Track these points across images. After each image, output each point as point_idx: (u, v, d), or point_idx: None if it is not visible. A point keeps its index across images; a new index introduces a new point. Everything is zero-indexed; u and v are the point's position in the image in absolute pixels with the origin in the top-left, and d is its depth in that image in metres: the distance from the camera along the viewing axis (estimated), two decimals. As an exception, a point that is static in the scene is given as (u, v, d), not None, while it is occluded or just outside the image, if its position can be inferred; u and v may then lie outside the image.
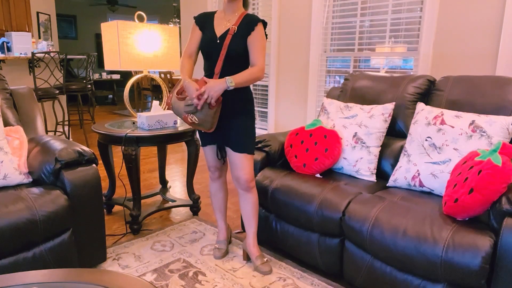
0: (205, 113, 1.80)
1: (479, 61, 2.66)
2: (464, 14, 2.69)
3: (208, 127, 1.85)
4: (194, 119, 1.83)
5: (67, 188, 1.81)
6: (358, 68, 3.45)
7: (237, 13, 1.91)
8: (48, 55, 3.95)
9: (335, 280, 1.96)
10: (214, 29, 1.91)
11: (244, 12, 1.92)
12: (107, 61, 2.53)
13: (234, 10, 1.91)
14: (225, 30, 1.88)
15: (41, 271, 1.12)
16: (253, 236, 2.05)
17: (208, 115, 1.80)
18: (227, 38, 1.85)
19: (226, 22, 1.90)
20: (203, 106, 1.78)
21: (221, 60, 1.85)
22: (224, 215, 2.22)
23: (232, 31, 1.85)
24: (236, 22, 1.87)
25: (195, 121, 1.83)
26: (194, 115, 1.82)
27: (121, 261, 2.10)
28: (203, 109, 1.79)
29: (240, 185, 1.98)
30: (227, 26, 1.88)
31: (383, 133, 2.15)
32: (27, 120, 2.32)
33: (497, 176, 1.43)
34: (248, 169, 1.94)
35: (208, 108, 1.79)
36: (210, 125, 1.84)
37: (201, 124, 1.84)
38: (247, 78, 1.82)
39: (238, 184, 1.98)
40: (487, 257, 1.37)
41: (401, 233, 1.56)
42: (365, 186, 2.03)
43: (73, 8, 9.90)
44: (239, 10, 1.92)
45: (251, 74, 1.83)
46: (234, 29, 1.86)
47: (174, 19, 8.94)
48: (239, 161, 1.93)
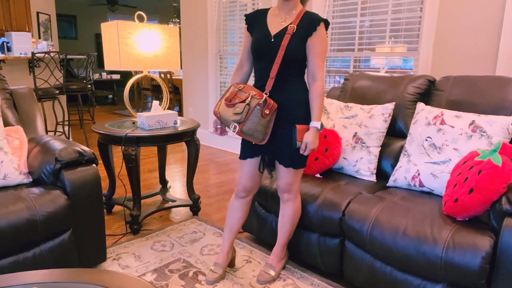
0: (256, 122, 1.61)
1: (479, 61, 2.66)
2: (464, 14, 2.69)
3: (260, 138, 1.66)
4: (241, 128, 1.64)
5: (67, 188, 1.80)
6: (358, 68, 3.45)
7: (295, 11, 1.70)
8: (48, 55, 3.95)
9: (335, 280, 1.96)
10: (268, 27, 1.70)
11: (303, 9, 1.71)
12: (107, 61, 2.53)
13: (291, 8, 1.70)
14: (281, 28, 1.68)
15: (41, 271, 1.12)
16: (278, 246, 1.94)
17: (259, 125, 1.62)
18: (285, 38, 1.64)
19: (282, 20, 1.70)
20: (252, 114, 1.61)
21: (277, 63, 1.65)
22: (232, 237, 1.96)
23: (291, 30, 1.64)
24: (295, 20, 1.66)
25: (243, 131, 1.64)
26: (242, 124, 1.63)
27: (121, 261, 2.10)
28: (253, 118, 1.61)
29: (280, 194, 1.86)
30: (283, 24, 1.68)
31: (383, 133, 2.15)
32: (27, 120, 2.32)
33: (497, 176, 1.43)
34: (291, 180, 1.78)
35: (260, 117, 1.61)
36: (262, 136, 1.65)
37: (251, 134, 1.64)
38: (322, 105, 1.67)
39: (279, 193, 1.86)
40: (487, 257, 1.37)
41: (401, 233, 1.56)
42: (365, 186, 2.03)
43: (73, 8, 9.89)
44: (296, 7, 1.71)
45: (322, 97, 1.66)
46: (293, 28, 1.64)
47: (174, 19, 8.94)
48: (286, 173, 1.77)
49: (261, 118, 1.62)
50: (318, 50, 1.66)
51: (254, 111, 1.62)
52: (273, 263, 1.95)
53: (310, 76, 1.71)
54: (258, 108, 1.62)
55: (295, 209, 1.86)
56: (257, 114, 1.61)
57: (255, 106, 1.62)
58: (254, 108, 1.62)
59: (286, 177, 1.79)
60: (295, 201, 1.85)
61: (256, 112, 1.61)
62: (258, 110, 1.62)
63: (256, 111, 1.61)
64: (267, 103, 1.63)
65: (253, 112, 1.62)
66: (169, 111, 2.55)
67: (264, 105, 1.62)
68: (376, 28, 3.20)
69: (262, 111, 1.61)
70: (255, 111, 1.61)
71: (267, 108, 1.63)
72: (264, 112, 1.62)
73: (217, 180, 3.57)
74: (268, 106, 1.63)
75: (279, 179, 1.82)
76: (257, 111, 1.61)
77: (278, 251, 1.96)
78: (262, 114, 1.61)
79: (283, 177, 1.80)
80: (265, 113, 1.62)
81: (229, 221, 1.96)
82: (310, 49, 1.67)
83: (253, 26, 1.78)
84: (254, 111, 1.62)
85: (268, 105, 1.63)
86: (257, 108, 1.62)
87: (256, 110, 1.62)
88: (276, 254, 1.96)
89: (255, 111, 1.62)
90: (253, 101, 1.63)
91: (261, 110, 1.62)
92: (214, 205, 2.97)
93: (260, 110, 1.62)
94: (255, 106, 1.62)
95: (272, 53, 1.67)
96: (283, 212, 1.88)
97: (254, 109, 1.62)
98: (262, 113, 1.61)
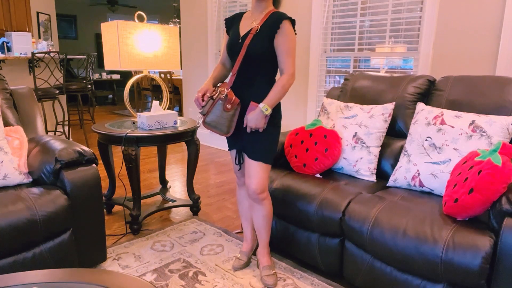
0: (219, 115, 1.75)
1: (479, 61, 2.66)
2: (464, 14, 2.69)
3: (224, 130, 1.78)
4: (204, 120, 1.79)
5: (67, 188, 1.80)
6: (358, 68, 3.45)
7: (265, 12, 1.79)
8: (48, 55, 3.95)
9: (335, 280, 1.96)
10: (239, 29, 1.82)
11: (271, 10, 1.79)
12: (107, 61, 2.53)
13: (263, 9, 1.79)
14: (249, 29, 1.78)
15: (41, 271, 1.12)
16: (264, 247, 1.98)
17: (222, 118, 1.75)
18: (248, 37, 1.74)
19: (252, 21, 1.80)
20: (215, 107, 1.74)
21: (238, 61, 1.76)
22: (251, 225, 2.07)
23: (254, 30, 1.74)
24: (261, 21, 1.76)
25: (207, 122, 1.79)
26: (205, 116, 1.78)
27: (121, 261, 2.10)
28: (216, 111, 1.75)
29: (249, 195, 1.86)
30: (252, 25, 1.79)
31: (383, 133, 2.15)
32: (27, 120, 2.32)
33: (497, 176, 1.43)
34: (259, 179, 1.80)
35: (222, 111, 1.74)
36: (226, 128, 1.77)
37: (216, 126, 1.78)
38: (280, 94, 1.73)
39: (248, 193, 1.86)
40: (487, 257, 1.37)
41: (401, 233, 1.56)
42: (365, 186, 2.03)
43: (73, 8, 9.89)
44: (267, 9, 1.80)
45: (283, 87, 1.73)
46: (256, 28, 1.74)
47: (174, 19, 8.93)
48: (252, 168, 1.81)
49: (223, 112, 1.75)
50: (284, 48, 1.74)
51: (216, 105, 1.76)
52: (268, 263, 1.98)
53: (281, 73, 1.79)
54: (220, 103, 1.76)
55: (271, 206, 1.90)
56: (219, 108, 1.75)
57: (217, 100, 1.76)
58: (216, 102, 1.76)
59: (259, 174, 1.80)
60: (268, 198, 1.89)
61: (218, 106, 1.75)
62: (220, 104, 1.75)
63: (218, 105, 1.75)
64: (228, 98, 1.75)
65: (215, 106, 1.76)
66: (169, 111, 2.55)
67: (225, 100, 1.75)
68: (376, 28, 3.20)
69: (223, 105, 1.75)
70: (217, 105, 1.76)
71: (228, 102, 1.74)
72: (226, 106, 1.74)
73: (217, 180, 3.57)
74: (229, 100, 1.74)
75: (249, 177, 1.82)
76: (219, 105, 1.75)
77: (265, 251, 1.99)
78: (224, 108, 1.74)
79: (252, 173, 1.81)
80: (226, 107, 1.74)
81: (242, 211, 2.07)
82: (277, 48, 1.75)
83: (230, 28, 1.90)
84: (216, 105, 1.76)
85: (229, 100, 1.75)
86: (219, 102, 1.76)
87: (218, 104, 1.76)
88: (265, 254, 1.99)
89: (217, 104, 1.76)
90: (217, 96, 1.78)
91: (223, 104, 1.75)
92: (214, 205, 2.97)
93: (222, 104, 1.75)
94: (217, 100, 1.76)
95: (238, 53, 1.78)
96: (263, 213, 1.88)
97: (216, 103, 1.76)
98: (224, 107, 1.74)
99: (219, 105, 1.75)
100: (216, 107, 1.75)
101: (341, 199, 1.83)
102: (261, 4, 1.78)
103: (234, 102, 1.74)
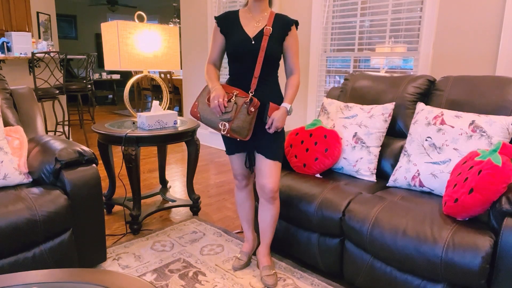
0: (243, 119, 1.69)
1: (479, 61, 2.66)
2: (464, 14, 2.69)
3: (245, 134, 1.73)
4: (231, 126, 1.70)
5: (67, 188, 1.80)
6: (358, 68, 3.45)
7: (266, 13, 1.81)
8: (48, 55, 3.95)
9: (335, 280, 1.96)
10: (244, 30, 1.79)
11: (272, 12, 1.82)
12: (107, 61, 2.53)
13: (262, 9, 1.80)
14: (258, 30, 1.77)
15: (41, 271, 1.12)
16: (266, 247, 1.99)
17: (245, 122, 1.70)
18: (264, 39, 1.73)
19: (256, 22, 1.79)
20: (240, 112, 1.69)
21: (260, 63, 1.74)
22: (252, 225, 2.10)
23: (268, 32, 1.75)
24: (269, 22, 1.77)
25: (233, 128, 1.70)
26: (232, 122, 1.69)
27: (121, 261, 2.10)
28: (241, 116, 1.69)
29: (264, 194, 1.85)
30: (259, 26, 1.78)
31: (383, 133, 2.15)
32: (27, 120, 2.32)
33: (497, 176, 1.43)
34: (275, 178, 1.82)
35: (246, 114, 1.69)
36: (247, 132, 1.73)
37: (238, 131, 1.71)
38: (296, 93, 1.81)
39: (263, 193, 1.85)
40: (487, 257, 1.37)
41: (401, 233, 1.56)
42: (365, 186, 2.03)
43: (73, 8, 9.90)
44: (266, 9, 1.82)
45: (297, 87, 1.81)
46: (269, 30, 1.75)
47: (174, 19, 8.93)
48: (268, 168, 1.80)
49: (247, 115, 1.70)
50: (294, 50, 1.82)
51: (242, 109, 1.70)
52: (268, 263, 1.98)
53: (288, 72, 1.85)
54: (245, 106, 1.70)
55: (278, 208, 1.91)
56: (244, 112, 1.70)
57: (242, 104, 1.70)
58: (241, 106, 1.70)
59: (271, 171, 1.80)
60: (278, 199, 1.89)
61: (243, 110, 1.70)
62: (245, 108, 1.70)
63: (243, 109, 1.70)
64: (253, 101, 1.71)
65: (241, 110, 1.70)
66: (169, 111, 2.55)
67: (250, 103, 1.70)
68: (376, 28, 3.20)
69: (248, 109, 1.70)
70: (242, 109, 1.70)
71: (252, 106, 1.71)
72: (249, 109, 1.70)
73: (217, 180, 3.57)
74: (253, 104, 1.71)
75: (266, 177, 1.81)
76: (244, 109, 1.70)
77: (266, 251, 1.99)
78: (248, 111, 1.70)
79: (269, 173, 1.81)
80: (250, 110, 1.70)
81: (242, 212, 2.07)
82: (287, 49, 1.81)
83: (227, 28, 1.83)
84: (241, 109, 1.70)
85: (253, 103, 1.71)
86: (244, 106, 1.70)
87: (243, 108, 1.70)
88: (265, 254, 1.99)
89: (242, 109, 1.70)
90: (239, 100, 1.71)
91: (247, 108, 1.70)
92: (214, 205, 2.97)
93: (246, 108, 1.70)
94: (242, 104, 1.70)
95: (253, 54, 1.75)
96: (272, 213, 1.89)
97: (241, 107, 1.70)
98: (248, 111, 1.70)
99: (244, 109, 1.69)
100: (241, 112, 1.69)
101: (341, 199, 1.83)
102: (261, 4, 1.79)
103: (256, 104, 1.71)
